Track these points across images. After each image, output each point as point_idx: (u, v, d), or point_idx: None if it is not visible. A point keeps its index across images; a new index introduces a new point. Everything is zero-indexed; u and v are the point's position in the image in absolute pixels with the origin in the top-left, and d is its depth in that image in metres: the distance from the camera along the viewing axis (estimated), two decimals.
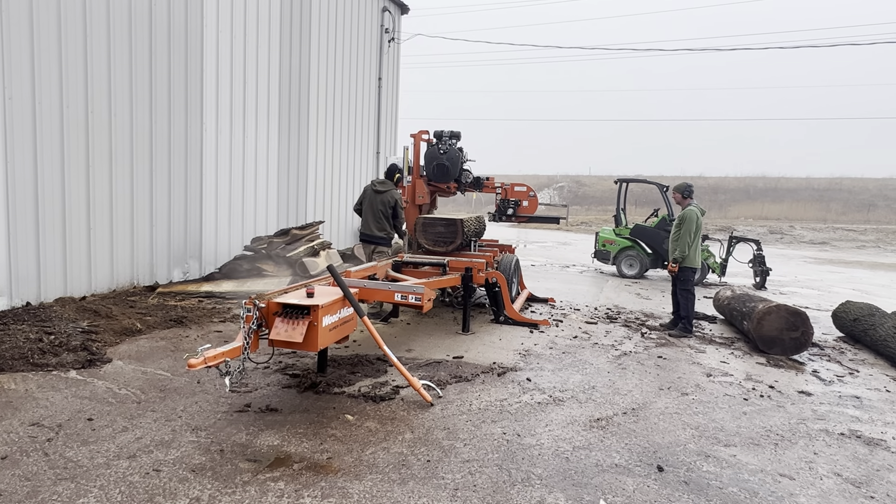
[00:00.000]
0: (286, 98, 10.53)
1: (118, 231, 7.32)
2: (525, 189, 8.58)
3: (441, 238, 7.41)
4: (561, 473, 3.29)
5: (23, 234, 6.15)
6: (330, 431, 3.69)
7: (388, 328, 6.52)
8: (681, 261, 6.67)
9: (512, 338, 6.27)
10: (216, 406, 4.02)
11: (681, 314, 6.82)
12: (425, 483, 3.11)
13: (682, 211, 6.77)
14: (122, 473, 3.07)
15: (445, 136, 7.89)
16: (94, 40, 6.78)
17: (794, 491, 3.24)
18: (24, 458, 3.21)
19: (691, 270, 6.77)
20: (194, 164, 8.48)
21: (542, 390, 4.65)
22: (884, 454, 3.79)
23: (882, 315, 6.61)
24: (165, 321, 6.26)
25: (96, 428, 3.61)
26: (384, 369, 4.93)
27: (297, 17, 10.71)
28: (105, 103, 6.99)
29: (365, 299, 5.07)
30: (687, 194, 6.88)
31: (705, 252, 10.95)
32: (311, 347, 3.81)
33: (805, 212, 34.11)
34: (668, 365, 5.55)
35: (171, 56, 7.93)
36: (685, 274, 6.74)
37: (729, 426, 4.11)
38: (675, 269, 6.72)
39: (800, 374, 5.49)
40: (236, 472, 3.13)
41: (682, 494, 3.12)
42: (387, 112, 14.73)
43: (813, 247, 22.19)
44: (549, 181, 47.89)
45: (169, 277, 8.18)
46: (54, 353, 4.88)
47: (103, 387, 4.32)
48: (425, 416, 4.00)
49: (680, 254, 6.62)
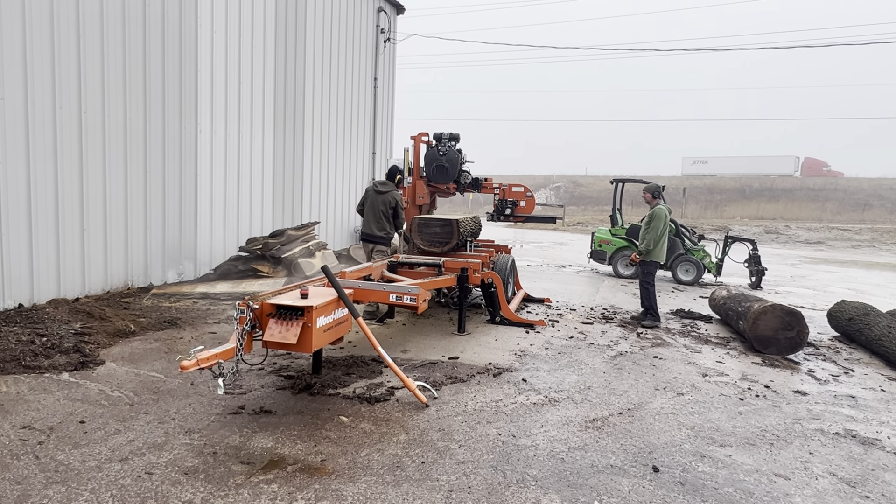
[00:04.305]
0: (281, 98, 10.49)
1: (112, 232, 7.27)
2: (522, 189, 8.62)
3: (437, 238, 7.41)
4: (556, 474, 3.28)
5: (15, 234, 6.11)
6: (324, 433, 3.67)
7: (383, 329, 6.50)
8: (645, 254, 7.16)
9: (508, 338, 6.26)
10: (209, 408, 4.00)
11: (644, 305, 7.31)
12: (420, 485, 3.09)
13: (652, 209, 7.27)
14: (113, 477, 3.05)
15: (445, 137, 8.01)
16: (87, 40, 6.74)
17: (789, 491, 3.23)
18: (14, 461, 3.18)
19: (654, 264, 7.28)
20: (189, 164, 8.44)
21: (537, 391, 4.63)
22: (879, 454, 3.79)
23: (877, 314, 6.62)
24: (159, 322, 6.22)
25: (88, 431, 3.58)
26: (379, 370, 4.91)
27: (292, 18, 10.68)
28: (98, 104, 6.95)
29: (360, 300, 5.06)
30: (657, 195, 7.40)
31: (701, 252, 10.98)
32: (305, 349, 3.79)
33: (800, 211, 34.21)
34: (663, 365, 5.55)
35: (165, 56, 7.90)
36: (648, 267, 7.25)
37: (724, 426, 4.11)
38: (638, 259, 7.27)
39: (795, 374, 5.50)
40: (229, 475, 3.11)
41: (678, 495, 3.12)
42: (383, 112, 14.71)
43: (808, 246, 22.26)
44: (546, 181, 47.93)
45: (163, 278, 8.14)
46: (46, 355, 4.85)
47: (96, 389, 4.29)
48: (420, 417, 3.98)
49: (645, 247, 7.14)
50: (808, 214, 33.48)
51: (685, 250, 10.97)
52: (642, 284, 7.27)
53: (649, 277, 7.23)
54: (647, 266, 7.24)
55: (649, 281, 7.21)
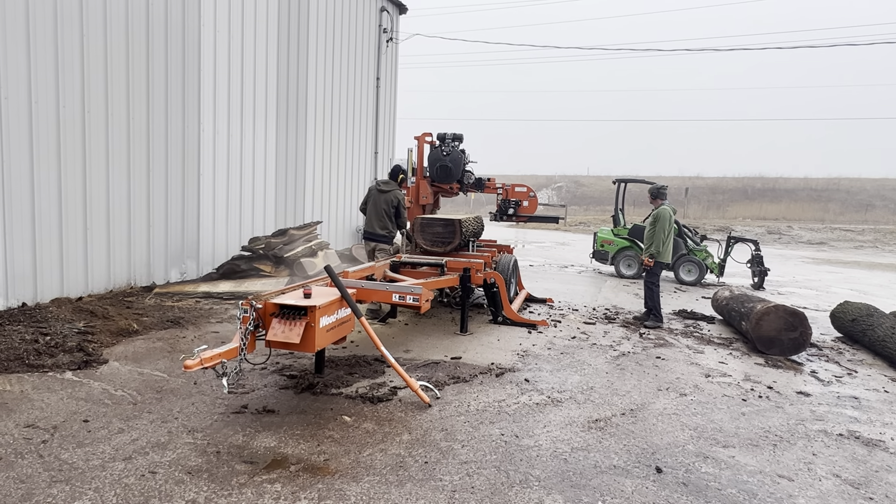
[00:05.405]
0: (284, 98, 10.50)
1: (115, 231, 7.29)
2: (525, 189, 8.64)
3: (439, 238, 7.41)
4: (559, 475, 3.27)
5: (19, 233, 6.12)
6: (327, 433, 3.67)
7: (385, 329, 6.50)
8: (656, 256, 7.13)
9: (510, 338, 6.26)
10: (213, 407, 4.00)
11: (647, 305, 7.29)
12: (423, 485, 3.09)
13: (656, 210, 7.25)
14: (117, 475, 3.05)
15: (448, 138, 8.04)
16: (91, 40, 6.75)
17: (792, 492, 3.23)
18: (18, 459, 3.19)
19: (660, 265, 7.26)
20: (192, 163, 8.46)
21: (540, 391, 4.63)
22: (882, 455, 3.78)
23: (880, 315, 6.61)
24: (162, 322, 6.23)
25: (92, 429, 3.59)
26: (382, 370, 4.91)
27: (295, 17, 10.69)
28: (102, 103, 6.96)
29: (363, 300, 5.06)
30: (660, 195, 7.37)
31: (703, 252, 10.97)
32: (308, 348, 3.79)
33: (803, 212, 34.16)
34: (666, 365, 5.54)
35: (169, 55, 7.91)
36: (654, 268, 7.24)
37: (727, 427, 4.10)
38: (651, 262, 7.19)
39: (798, 375, 5.49)
40: (233, 474, 3.11)
41: (681, 496, 3.11)
42: (385, 112, 14.72)
43: (811, 247, 22.21)
44: (548, 181, 47.93)
45: (166, 278, 8.15)
46: (50, 353, 4.86)
47: (99, 388, 4.30)
48: (423, 417, 3.98)
49: (655, 249, 7.12)
50: (811, 215, 33.43)
51: (688, 251, 10.95)
52: (646, 285, 7.25)
53: (654, 278, 7.23)
54: (653, 266, 7.22)
55: (654, 281, 7.21)
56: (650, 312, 7.27)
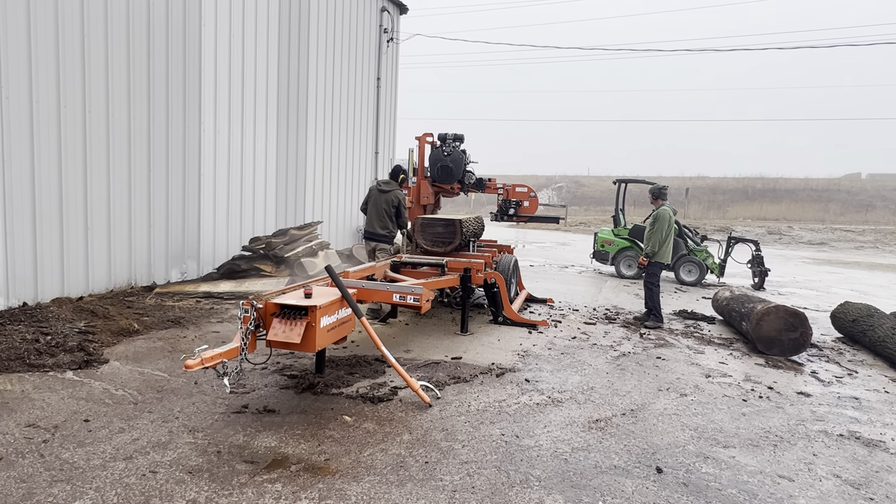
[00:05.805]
0: (285, 97, 10.51)
1: (116, 231, 7.29)
2: (526, 190, 8.64)
3: (440, 238, 7.41)
4: (559, 475, 3.28)
5: (20, 233, 6.13)
6: (328, 433, 3.67)
7: (386, 329, 6.50)
8: (652, 256, 7.15)
9: (510, 338, 6.26)
10: (213, 407, 4.01)
11: (647, 305, 7.29)
12: (423, 485, 3.09)
13: (656, 210, 7.26)
14: (118, 475, 3.06)
15: (449, 138, 8.06)
16: (91, 39, 6.75)
17: (793, 493, 3.23)
18: (19, 459, 3.19)
19: (659, 265, 7.29)
20: (192, 163, 8.46)
21: (540, 391, 4.63)
22: (883, 455, 3.78)
23: (881, 316, 6.61)
24: (163, 321, 6.24)
25: (93, 429, 3.59)
26: (382, 370, 4.92)
27: (296, 17, 10.69)
28: (103, 102, 6.97)
29: (363, 300, 5.06)
30: (661, 196, 7.39)
31: (703, 253, 10.97)
32: (308, 348, 3.79)
33: (803, 212, 34.16)
34: (666, 366, 5.54)
35: (170, 55, 7.91)
36: (653, 268, 7.25)
37: (728, 427, 4.10)
38: (646, 262, 7.22)
39: (798, 375, 5.49)
40: (233, 474, 3.11)
41: (681, 496, 3.11)
42: (385, 112, 14.72)
43: (811, 247, 22.21)
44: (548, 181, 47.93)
45: (167, 278, 8.15)
46: (51, 353, 4.86)
47: (100, 388, 4.30)
48: (423, 417, 3.99)
49: (651, 249, 7.15)
50: (811, 215, 33.42)
51: (688, 251, 10.95)
52: (647, 285, 7.26)
53: (654, 278, 7.23)
54: (652, 267, 7.24)
55: (654, 282, 7.21)
56: (650, 313, 7.28)
